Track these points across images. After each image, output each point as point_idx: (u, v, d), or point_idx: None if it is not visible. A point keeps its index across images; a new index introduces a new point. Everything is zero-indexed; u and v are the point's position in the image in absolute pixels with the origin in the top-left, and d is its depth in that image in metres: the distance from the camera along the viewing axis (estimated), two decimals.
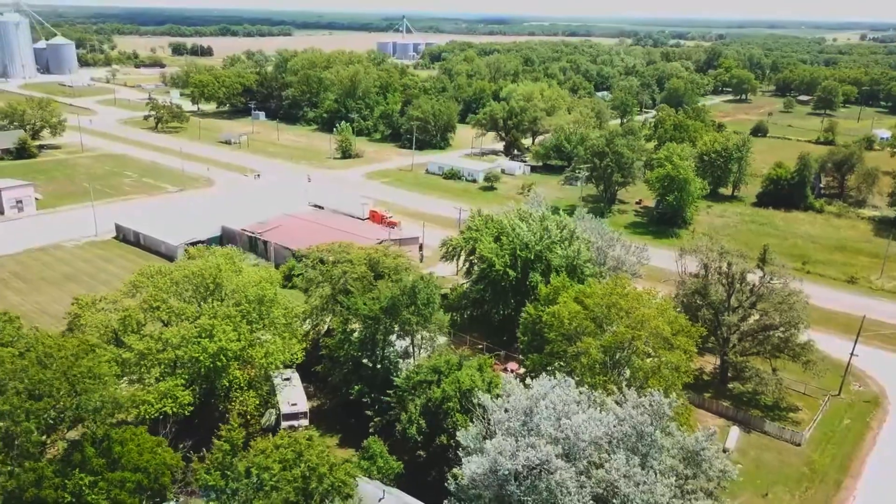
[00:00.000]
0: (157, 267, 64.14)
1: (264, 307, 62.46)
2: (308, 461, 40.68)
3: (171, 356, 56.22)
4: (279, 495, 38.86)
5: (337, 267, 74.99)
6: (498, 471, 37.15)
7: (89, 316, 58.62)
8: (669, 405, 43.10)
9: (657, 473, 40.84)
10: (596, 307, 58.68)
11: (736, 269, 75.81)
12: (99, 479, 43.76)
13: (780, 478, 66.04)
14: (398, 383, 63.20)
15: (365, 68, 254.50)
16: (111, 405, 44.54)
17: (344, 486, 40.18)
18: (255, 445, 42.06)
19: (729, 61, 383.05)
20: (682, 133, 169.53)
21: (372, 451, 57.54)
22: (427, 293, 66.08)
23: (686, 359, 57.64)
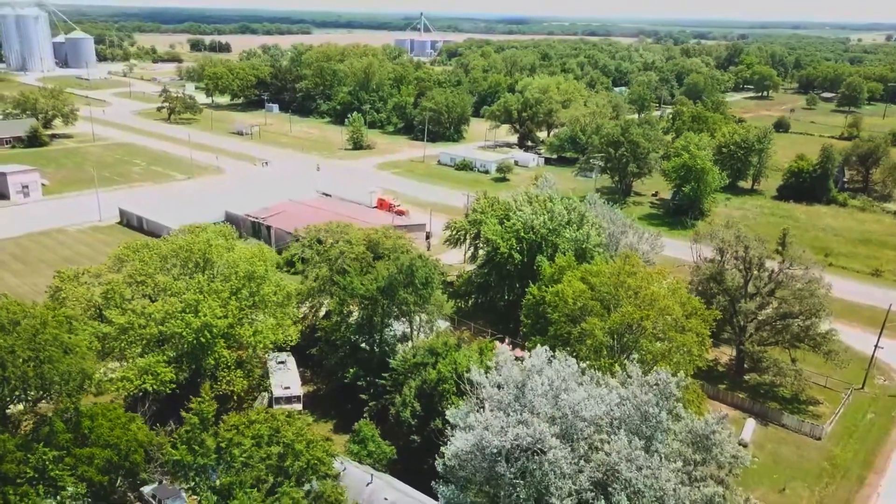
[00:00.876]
0: (143, 241, 61.71)
1: (254, 283, 59.68)
2: (283, 437, 37.72)
3: (154, 332, 53.57)
4: (250, 472, 35.93)
5: (334, 247, 72.14)
6: (485, 448, 33.90)
7: (71, 289, 56.15)
8: (677, 385, 39.57)
9: (662, 458, 37.39)
10: (602, 287, 55.18)
11: (753, 253, 71.86)
12: (65, 455, 41.07)
13: (798, 472, 62.18)
14: (394, 365, 60.21)
15: (379, 61, 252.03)
16: (79, 376, 41.85)
17: (321, 465, 37.13)
18: (228, 420, 39.18)
19: (750, 58, 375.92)
20: (700, 125, 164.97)
21: (363, 434, 54.58)
22: (425, 272, 62.98)
23: (699, 342, 53.98)
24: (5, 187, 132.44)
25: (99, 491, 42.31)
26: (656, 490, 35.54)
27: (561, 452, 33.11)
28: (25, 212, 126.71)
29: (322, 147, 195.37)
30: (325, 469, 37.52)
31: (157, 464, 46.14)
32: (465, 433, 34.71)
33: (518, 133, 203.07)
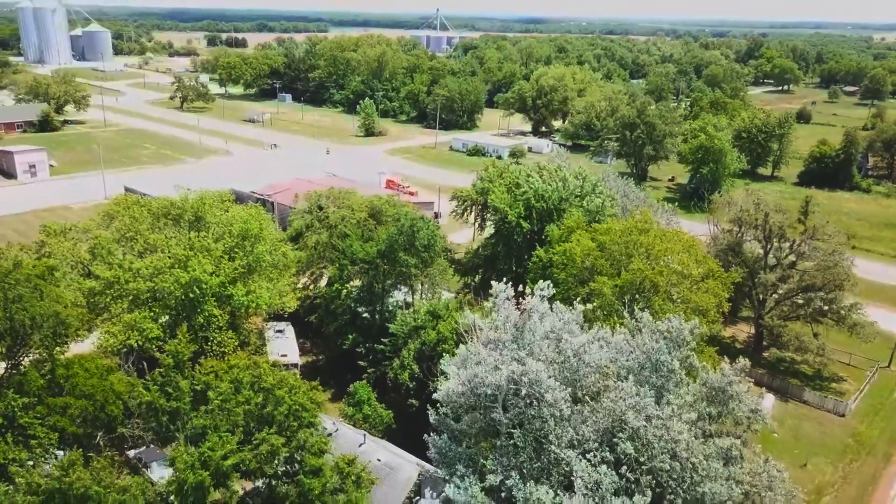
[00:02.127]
0: (134, 198, 59.38)
1: (248, 242, 57.15)
2: (264, 383, 35.04)
3: (141, 287, 51.16)
4: (226, 417, 33.27)
5: (336, 213, 69.54)
6: (478, 389, 30.98)
7: (57, 244, 53.94)
8: (691, 331, 36.45)
9: (674, 409, 34.27)
10: (612, 245, 52.03)
11: (774, 221, 68.33)
12: (36, 402, 38.67)
13: (821, 449, 58.72)
14: (393, 330, 57.43)
15: (393, 51, 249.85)
16: (52, 321, 39.43)
17: (303, 412, 34.39)
18: (205, 364, 36.62)
19: (771, 51, 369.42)
20: (719, 110, 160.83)
21: (358, 396, 51.94)
22: (427, 234, 60.15)
23: (716, 303, 50.66)
24: (12, 166, 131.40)
25: (74, 444, 39.87)
26: (667, 441, 32.43)
27: (560, 394, 30.10)
28: (32, 190, 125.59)
29: (333, 134, 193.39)
30: (308, 416, 34.78)
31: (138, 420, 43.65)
32: (458, 370, 31.82)
33: (532, 121, 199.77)
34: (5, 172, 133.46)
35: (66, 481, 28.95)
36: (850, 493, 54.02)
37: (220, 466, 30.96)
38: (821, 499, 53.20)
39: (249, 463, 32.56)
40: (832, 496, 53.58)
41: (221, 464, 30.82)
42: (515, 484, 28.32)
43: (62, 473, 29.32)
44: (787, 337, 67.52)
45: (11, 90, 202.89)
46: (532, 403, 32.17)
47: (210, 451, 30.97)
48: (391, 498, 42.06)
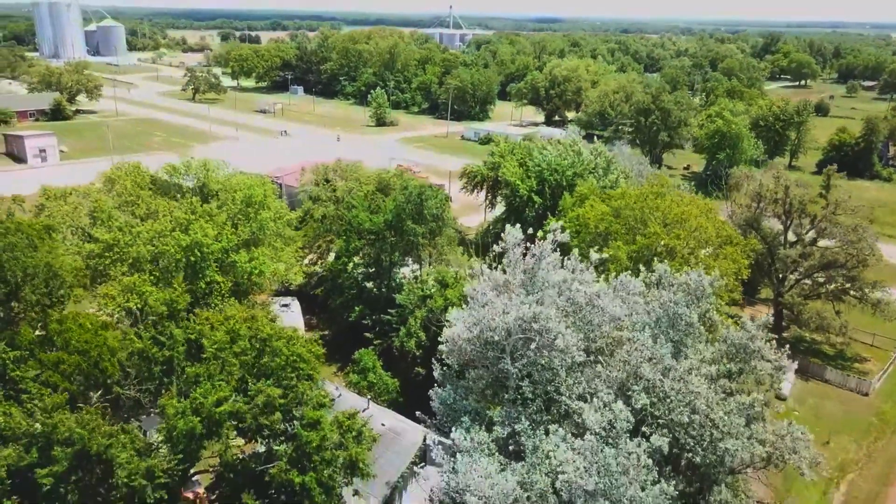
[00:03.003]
0: (135, 163, 58.11)
1: (252, 209, 55.71)
2: (261, 333, 33.45)
3: (142, 250, 49.79)
4: (220, 367, 31.69)
5: (343, 185, 68.03)
6: (485, 334, 29.23)
7: (56, 207, 52.73)
8: (711, 284, 34.56)
9: (692, 363, 32.39)
10: (627, 210, 50.11)
11: (794, 195, 66.09)
12: (28, 356, 37.20)
13: (843, 427, 56.50)
14: (400, 300, 55.83)
15: (405, 43, 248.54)
16: (45, 272, 38.12)
17: (301, 362, 32.76)
18: (201, 314, 35.09)
19: (788, 46, 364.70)
20: (735, 98, 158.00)
21: (363, 363, 50.30)
22: (436, 204, 58.50)
23: (735, 269, 48.63)
24: (23, 150, 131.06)
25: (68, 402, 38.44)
26: (685, 395, 30.56)
27: (572, 339, 28.27)
28: (41, 174, 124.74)
29: (345, 124, 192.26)
30: (307, 368, 33.15)
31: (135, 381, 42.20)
32: (464, 314, 30.11)
33: (545, 111, 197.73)
34: (16, 157, 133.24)
35: (49, 423, 27.53)
36: (874, 471, 51.84)
37: (213, 414, 29.39)
38: (845, 475, 51.09)
39: (245, 415, 30.97)
40: (857, 473, 51.45)
41: (214, 411, 29.26)
42: (524, 429, 26.54)
43: (46, 416, 27.89)
44: (809, 314, 65.19)
45: (24, 80, 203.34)
46: (542, 353, 30.42)
47: (202, 397, 29.41)
48: (396, 462, 40.44)
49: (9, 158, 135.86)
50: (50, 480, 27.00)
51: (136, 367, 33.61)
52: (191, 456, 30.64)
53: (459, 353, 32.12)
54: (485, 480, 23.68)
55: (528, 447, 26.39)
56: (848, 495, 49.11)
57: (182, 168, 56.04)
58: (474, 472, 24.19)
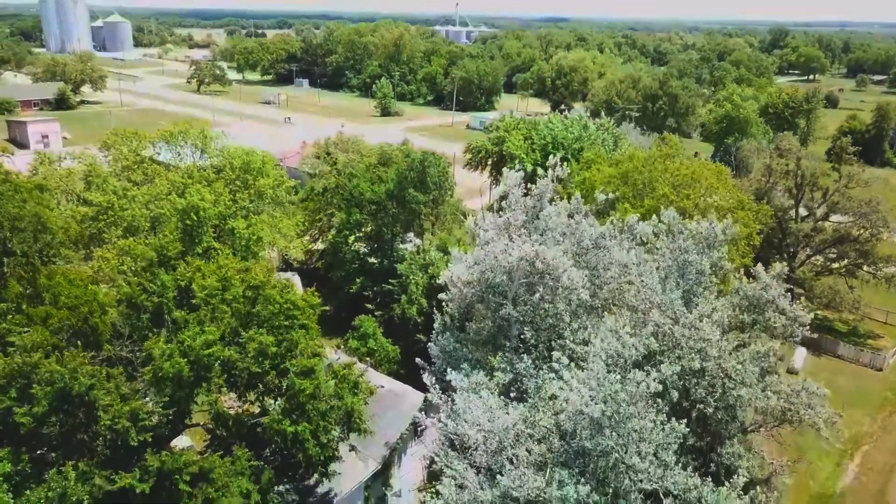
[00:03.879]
0: (133, 129, 57.02)
1: (250, 176, 54.53)
2: (253, 280, 32.15)
3: (137, 214, 48.69)
4: (210, 313, 30.39)
5: (344, 156, 66.79)
6: (486, 274, 27.88)
7: (50, 172, 51.67)
8: (724, 231, 33.11)
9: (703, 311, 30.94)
10: (635, 173, 48.65)
11: (806, 166, 64.53)
12: (14, 309, 35.99)
13: (857, 401, 54.88)
14: (401, 270, 54.60)
15: (411, 35, 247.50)
16: (33, 223, 36.98)
17: (294, 310, 31.45)
18: (192, 261, 33.81)
19: (796, 41, 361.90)
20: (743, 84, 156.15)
21: (363, 329, 49.03)
22: (438, 171, 57.23)
23: (747, 234, 47.13)
24: (25, 136, 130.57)
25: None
26: (696, 341, 29.12)
27: (577, 276, 26.89)
28: None
29: (349, 114, 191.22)
30: (301, 316, 31.84)
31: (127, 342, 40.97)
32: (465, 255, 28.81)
33: (551, 102, 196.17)
34: (18, 142, 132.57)
35: (28, 362, 26.33)
36: (888, 444, 50.33)
37: (202, 357, 28.10)
38: (859, 447, 49.62)
39: (236, 363, 29.66)
40: (871, 445, 49.95)
41: (202, 353, 27.96)
42: (527, 369, 25.17)
43: (25, 356, 26.70)
44: (821, 289, 63.63)
45: (29, 70, 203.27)
46: (545, 298, 29.06)
47: (190, 339, 28.13)
48: (395, 424, 39.09)
49: (12, 145, 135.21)
50: (28, 420, 25.78)
51: (123, 316, 32.27)
52: (180, 404, 29.33)
53: (460, 299, 30.82)
54: (485, 414, 22.32)
55: (530, 387, 25.02)
56: (862, 466, 47.63)
57: (178, 133, 54.78)
58: (474, 407, 22.84)
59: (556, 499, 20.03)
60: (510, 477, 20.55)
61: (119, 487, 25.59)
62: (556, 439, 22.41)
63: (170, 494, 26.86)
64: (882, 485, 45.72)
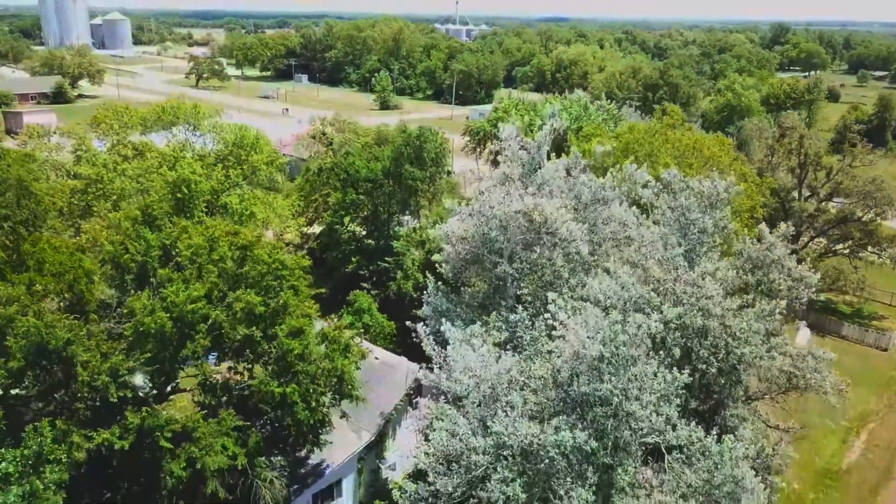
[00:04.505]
0: (124, 105, 56.07)
1: (243, 151, 53.56)
2: (241, 240, 31.12)
3: (126, 186, 47.70)
4: (196, 272, 29.35)
5: (340, 136, 65.80)
6: (483, 229, 26.86)
7: (39, 146, 50.70)
8: (727, 189, 32.09)
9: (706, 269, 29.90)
10: (637, 144, 47.61)
11: (809, 145, 63.48)
12: None
13: (862, 380, 53.65)
14: (398, 247, 53.63)
15: (410, 31, 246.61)
16: (16, 187, 35.98)
17: (283, 270, 30.38)
18: (178, 222, 32.80)
19: (797, 37, 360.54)
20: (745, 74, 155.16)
21: (358, 304, 47.99)
22: (436, 147, 56.22)
23: (750, 206, 46.10)
24: (21, 127, 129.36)
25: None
26: (698, 298, 28.07)
27: (577, 228, 25.86)
28: None
29: (348, 108, 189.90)
30: (290, 277, 30.79)
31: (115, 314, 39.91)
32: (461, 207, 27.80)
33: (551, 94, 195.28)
34: (14, 133, 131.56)
35: (3, 315, 25.33)
36: (895, 421, 49.24)
37: (185, 314, 27.05)
38: (865, 425, 48.59)
39: (222, 323, 28.58)
40: (877, 423, 48.93)
41: (186, 309, 26.91)
42: (522, 320, 24.12)
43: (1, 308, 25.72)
44: (825, 269, 62.45)
45: (27, 65, 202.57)
46: (543, 254, 28.06)
47: (173, 294, 27.09)
48: (390, 395, 38.09)
49: (8, 136, 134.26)
50: (3, 375, 24.79)
51: (107, 278, 31.24)
52: (163, 365, 28.28)
53: (455, 259, 29.80)
54: (477, 361, 21.28)
55: (525, 339, 23.96)
56: (869, 443, 46.59)
57: (170, 110, 53.78)
58: (467, 355, 21.80)
59: (552, 444, 18.98)
60: (502, 423, 19.51)
61: (97, 444, 24.56)
62: (553, 389, 21.36)
63: (151, 453, 25.86)
64: (889, 461, 44.67)
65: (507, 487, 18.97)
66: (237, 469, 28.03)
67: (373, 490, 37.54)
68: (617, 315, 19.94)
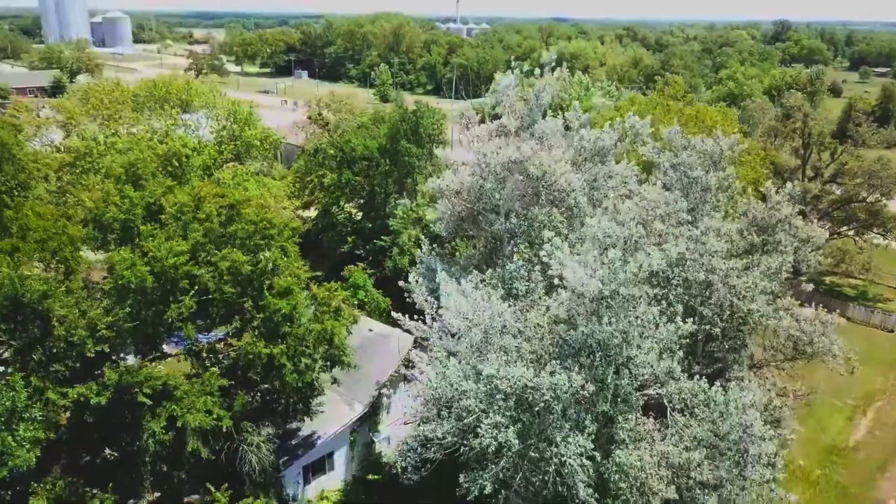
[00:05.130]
0: (115, 81, 55.11)
1: (237, 126, 52.55)
2: (229, 199, 30.06)
3: (116, 161, 46.59)
4: (180, 229, 28.30)
5: (336, 115, 64.76)
6: (478, 183, 25.78)
7: (29, 120, 49.67)
8: (731, 147, 31.03)
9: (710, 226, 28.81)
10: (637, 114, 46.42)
11: (813, 125, 62.35)
12: None
13: (868, 360, 51.93)
14: (394, 225, 52.58)
15: (410, 26, 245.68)
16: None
17: (271, 229, 29.25)
18: (162, 180, 31.81)
19: (799, 34, 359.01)
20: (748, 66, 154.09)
21: (353, 279, 46.94)
22: (432, 122, 55.18)
23: (754, 178, 44.99)
24: None
25: None
26: (702, 254, 27.00)
27: (576, 178, 24.78)
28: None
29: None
30: (277, 237, 29.72)
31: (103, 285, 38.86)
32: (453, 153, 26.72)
33: None
34: None
35: None
36: None
37: (167, 270, 26.00)
38: (872, 403, 47.45)
39: (207, 283, 27.52)
40: (884, 401, 47.79)
41: (167, 263, 25.86)
42: (517, 271, 23.02)
43: None
44: (830, 250, 61.34)
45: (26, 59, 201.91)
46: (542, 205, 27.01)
47: (155, 248, 26.04)
48: (384, 366, 36.98)
49: None
50: None
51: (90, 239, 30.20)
52: (146, 325, 27.16)
53: (449, 216, 28.72)
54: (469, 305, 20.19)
55: (520, 290, 22.87)
56: (876, 421, 45.44)
57: (163, 85, 52.76)
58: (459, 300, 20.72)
59: (548, 387, 17.88)
60: (495, 367, 18.41)
61: (73, 400, 23.52)
62: (549, 336, 20.27)
63: (131, 412, 24.81)
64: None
65: (499, 433, 17.87)
66: (223, 432, 27.00)
67: (366, 464, 36.42)
68: (617, 252, 18.83)
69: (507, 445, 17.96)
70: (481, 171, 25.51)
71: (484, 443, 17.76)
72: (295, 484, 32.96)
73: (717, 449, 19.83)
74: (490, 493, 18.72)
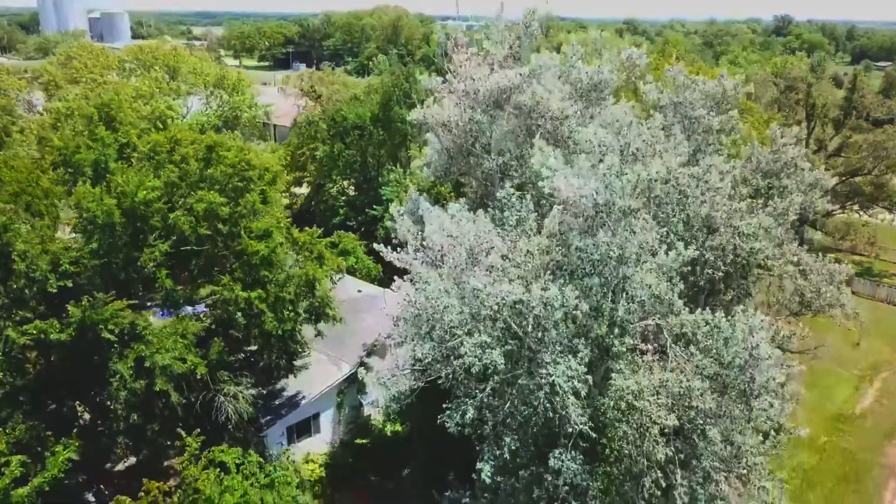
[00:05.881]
0: (100, 46, 53.67)
1: (225, 92, 51.11)
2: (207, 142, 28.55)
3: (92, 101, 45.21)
4: (153, 169, 26.81)
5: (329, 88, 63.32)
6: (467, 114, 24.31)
7: (9, 81, 48.27)
8: (735, 88, 29.57)
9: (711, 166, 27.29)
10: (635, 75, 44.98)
11: (818, 97, 60.88)
12: None
13: (874, 332, 50.78)
14: (386, 194, 51.19)
15: (409, 18, 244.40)
16: None
17: (250, 170, 27.83)
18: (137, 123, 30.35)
19: (800, 29, 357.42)
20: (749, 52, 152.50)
21: (342, 245, 45.23)
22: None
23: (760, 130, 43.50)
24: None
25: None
26: (703, 192, 25.49)
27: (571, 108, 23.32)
28: None
29: None
30: (258, 180, 28.24)
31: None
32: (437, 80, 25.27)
33: None
34: None
35: None
36: None
37: (137, 206, 24.53)
38: (878, 374, 46.06)
39: (182, 226, 25.95)
40: (891, 372, 46.39)
41: (138, 200, 24.38)
42: (507, 199, 21.55)
43: None
44: (834, 224, 60.02)
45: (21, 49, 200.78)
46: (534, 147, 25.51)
47: (124, 184, 24.58)
48: (373, 326, 35.52)
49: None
50: None
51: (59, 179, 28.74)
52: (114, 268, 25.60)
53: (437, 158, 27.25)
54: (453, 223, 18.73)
55: (511, 220, 21.40)
56: (883, 391, 44.05)
57: (149, 50, 51.33)
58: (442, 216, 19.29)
59: (538, 302, 16.40)
60: (481, 282, 16.94)
61: (34, 337, 22.04)
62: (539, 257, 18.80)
63: (97, 352, 23.32)
64: None
65: (484, 354, 16.40)
66: (198, 381, 25.54)
67: (353, 427, 34.97)
68: (614, 158, 17.35)
69: (492, 367, 16.48)
70: (469, 101, 24.01)
71: (467, 362, 16.28)
72: (278, 445, 31.50)
73: (720, 378, 18.36)
74: (472, 423, 17.22)
